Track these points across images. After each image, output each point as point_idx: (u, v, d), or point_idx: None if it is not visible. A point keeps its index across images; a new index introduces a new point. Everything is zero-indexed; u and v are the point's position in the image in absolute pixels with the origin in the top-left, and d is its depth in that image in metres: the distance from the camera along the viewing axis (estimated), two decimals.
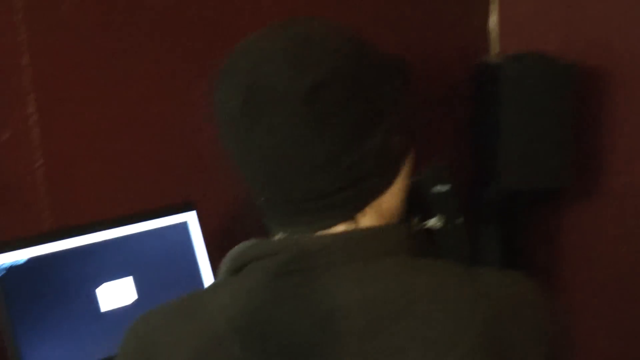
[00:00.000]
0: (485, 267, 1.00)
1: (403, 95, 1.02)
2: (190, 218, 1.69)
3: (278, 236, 1.02)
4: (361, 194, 0.98)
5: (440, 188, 1.99)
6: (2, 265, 1.46)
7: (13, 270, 1.47)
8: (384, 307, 0.93)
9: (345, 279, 0.94)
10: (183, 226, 1.68)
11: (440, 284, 0.95)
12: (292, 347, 0.92)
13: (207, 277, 1.69)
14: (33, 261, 1.50)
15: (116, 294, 1.57)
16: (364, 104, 0.96)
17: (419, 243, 1.03)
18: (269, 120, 0.94)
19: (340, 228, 0.98)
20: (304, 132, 0.94)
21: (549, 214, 2.59)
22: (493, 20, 2.52)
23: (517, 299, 0.96)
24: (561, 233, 2.61)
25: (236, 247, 1.05)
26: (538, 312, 0.97)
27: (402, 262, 0.97)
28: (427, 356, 0.90)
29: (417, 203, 1.89)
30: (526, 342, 0.94)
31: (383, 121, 0.98)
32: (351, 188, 0.97)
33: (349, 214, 0.99)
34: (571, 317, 1.00)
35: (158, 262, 1.64)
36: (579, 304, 2.54)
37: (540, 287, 0.99)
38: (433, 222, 1.91)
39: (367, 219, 1.00)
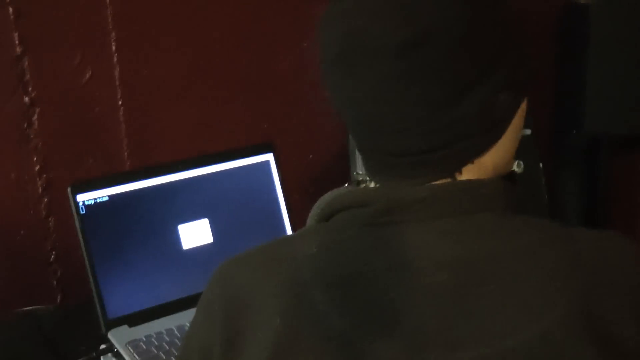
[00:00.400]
0: (582, 228, 0.95)
1: (516, 46, 0.95)
2: (270, 159, 1.68)
3: (369, 185, 0.99)
4: (460, 153, 0.93)
5: (522, 132, 1.96)
6: (84, 202, 1.49)
7: (95, 208, 1.50)
8: (476, 267, 0.88)
9: (437, 235, 0.90)
10: (265, 166, 1.68)
11: (537, 244, 0.90)
12: (377, 302, 0.88)
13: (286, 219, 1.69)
14: (114, 199, 1.52)
15: (195, 233, 1.59)
16: (468, 60, 0.90)
17: (517, 197, 0.95)
18: (361, 71, 0.91)
19: (436, 183, 0.94)
20: (396, 88, 0.89)
21: (632, 161, 2.53)
22: None
23: (617, 265, 0.91)
24: None
25: (326, 194, 1.03)
26: (637, 280, 0.91)
27: (497, 219, 0.92)
28: (520, 319, 0.86)
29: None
30: (624, 311, 0.89)
31: (490, 77, 0.91)
32: (448, 147, 0.92)
33: (446, 172, 0.94)
34: None
35: (239, 202, 1.64)
36: None
37: (639, 250, 0.94)
38: (514, 166, 1.88)
39: (466, 175, 0.94)
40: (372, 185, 0.99)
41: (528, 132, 1.96)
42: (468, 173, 0.94)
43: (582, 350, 0.86)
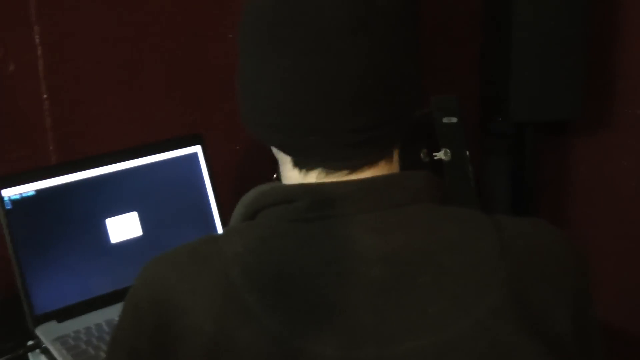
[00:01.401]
0: (506, 215, 0.97)
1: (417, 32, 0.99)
2: (198, 151, 1.68)
3: (291, 179, 0.98)
4: (394, 133, 0.95)
5: (449, 120, 1.99)
6: (9, 197, 1.47)
7: (21, 203, 1.48)
8: (407, 259, 0.89)
9: (367, 229, 0.90)
10: (193, 158, 1.68)
11: (466, 234, 0.92)
12: (309, 300, 0.87)
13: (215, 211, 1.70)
14: (40, 194, 1.50)
15: (124, 227, 1.58)
16: (403, 38, 0.93)
17: (442, 189, 0.97)
18: (299, 46, 0.90)
19: (361, 175, 0.94)
20: (348, 60, 0.89)
21: (558, 147, 2.58)
22: None
23: (544, 251, 0.93)
24: (571, 166, 2.60)
25: (250, 192, 0.99)
26: (568, 265, 0.94)
27: (426, 211, 0.93)
28: (453, 310, 0.87)
29: (425, 135, 1.89)
30: (553, 296, 0.91)
31: (412, 59, 0.95)
32: (389, 124, 0.93)
33: (377, 156, 0.95)
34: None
35: (168, 195, 1.64)
36: (588, 239, 2.54)
37: (565, 236, 0.96)
38: (441, 154, 1.91)
39: (393, 165, 0.97)
40: (294, 176, 0.98)
41: (454, 120, 2.00)
42: (383, 167, 0.96)
43: (514, 338, 0.87)
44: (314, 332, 0.86)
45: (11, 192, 1.48)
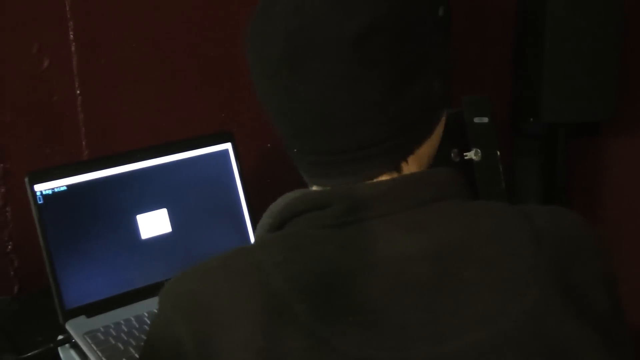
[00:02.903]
0: (531, 205, 0.98)
1: (442, 37, 0.99)
2: (229, 148, 1.68)
3: (317, 187, 0.98)
4: (406, 143, 0.95)
5: (480, 120, 1.98)
6: (42, 192, 1.48)
7: (53, 198, 1.49)
8: (450, 254, 0.89)
9: (404, 228, 0.90)
10: (223, 155, 1.68)
11: (501, 226, 0.92)
12: (357, 304, 0.86)
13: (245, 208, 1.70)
14: (72, 189, 1.51)
15: (154, 223, 1.59)
16: (411, 47, 0.92)
17: (466, 184, 0.98)
18: (312, 67, 0.90)
19: (384, 178, 0.95)
20: (351, 80, 0.90)
21: (590, 148, 2.56)
22: None
23: (571, 236, 0.94)
24: (603, 167, 2.58)
25: (278, 200, 0.98)
26: (593, 242, 0.95)
27: (457, 206, 0.94)
28: (501, 302, 0.87)
29: (455, 134, 1.88)
30: (588, 277, 0.92)
31: (427, 65, 0.94)
32: (398, 136, 0.93)
33: (395, 163, 0.95)
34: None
35: (197, 192, 1.64)
36: (620, 240, 2.52)
37: (585, 220, 0.97)
38: (471, 154, 1.90)
39: (411, 167, 0.96)
40: (315, 188, 0.98)
41: (486, 120, 1.99)
42: (411, 164, 0.97)
43: (563, 324, 0.88)
44: (365, 337, 0.86)
45: (43, 187, 1.49)
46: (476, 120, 1.97)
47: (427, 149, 0.98)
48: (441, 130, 1.01)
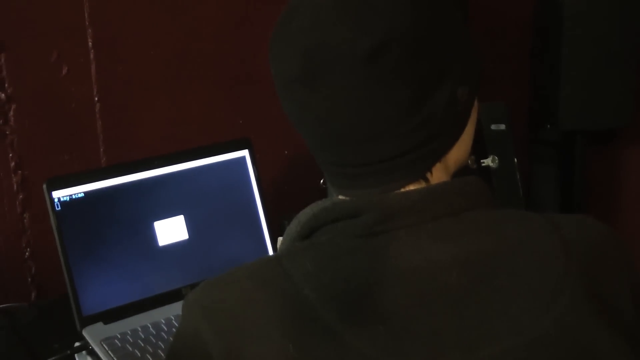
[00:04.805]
0: (556, 213, 0.98)
1: (466, 42, 0.98)
2: (246, 155, 1.68)
3: (343, 197, 0.98)
4: (429, 153, 0.95)
5: (497, 127, 1.97)
6: (59, 199, 1.49)
7: (70, 204, 1.50)
8: (481, 263, 0.89)
9: (434, 237, 0.90)
10: (241, 162, 1.68)
11: (530, 235, 0.92)
12: (389, 313, 0.86)
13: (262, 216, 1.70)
14: (90, 196, 1.52)
15: (172, 229, 1.59)
16: (429, 59, 0.92)
17: (491, 193, 0.98)
18: (328, 84, 0.90)
19: (410, 187, 0.95)
20: (367, 95, 0.90)
21: (607, 156, 2.55)
22: None
23: (599, 245, 0.94)
24: (620, 175, 2.57)
25: (306, 209, 0.98)
26: (620, 252, 0.95)
27: (486, 215, 0.94)
28: (532, 310, 0.87)
29: (473, 142, 1.88)
30: (616, 287, 0.93)
31: (447, 74, 0.94)
32: (419, 149, 0.93)
33: (421, 174, 0.95)
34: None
35: (215, 199, 1.64)
36: (636, 247, 2.51)
37: (611, 229, 0.98)
38: (488, 161, 1.90)
39: (436, 175, 0.96)
40: (341, 197, 0.98)
41: (503, 127, 1.98)
42: (437, 172, 0.96)
43: (594, 332, 0.88)
44: (396, 344, 0.86)
45: (61, 194, 1.49)
46: (493, 127, 1.96)
47: (455, 154, 0.98)
48: (471, 135, 1.01)
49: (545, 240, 0.92)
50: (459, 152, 0.99)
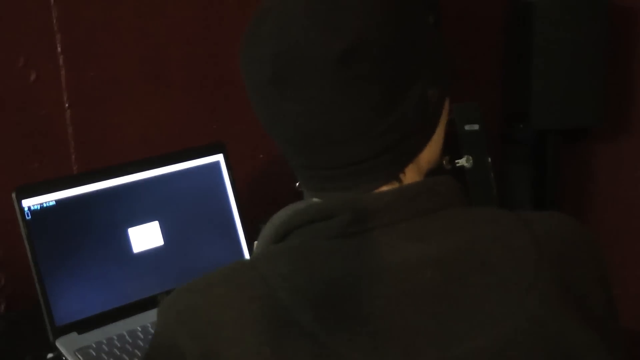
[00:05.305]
0: (529, 211, 0.99)
1: (436, 43, 0.98)
2: (220, 160, 1.67)
3: (317, 199, 0.97)
4: (402, 154, 0.96)
5: (470, 127, 1.98)
6: (30, 208, 1.46)
7: (41, 213, 1.47)
8: (455, 261, 0.90)
9: (409, 236, 0.91)
10: (215, 167, 1.67)
11: (503, 233, 0.93)
12: (365, 313, 0.87)
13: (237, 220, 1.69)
14: (61, 204, 1.49)
15: (146, 236, 1.57)
16: (399, 62, 0.92)
17: (465, 192, 0.99)
18: (300, 88, 0.91)
19: (383, 189, 0.95)
20: (338, 98, 0.90)
21: (579, 154, 2.56)
22: None
23: (569, 240, 0.95)
24: (592, 173, 2.59)
25: (280, 212, 0.98)
26: (590, 247, 0.97)
27: (459, 214, 0.95)
28: (507, 306, 0.88)
29: (447, 142, 1.88)
30: (587, 280, 0.94)
31: (418, 76, 0.94)
32: (391, 150, 0.94)
33: (393, 175, 0.96)
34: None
35: (189, 204, 1.63)
36: (609, 244, 2.52)
37: (580, 224, 0.99)
38: (462, 161, 1.90)
39: (409, 176, 0.97)
40: (315, 200, 0.98)
41: (476, 127, 1.99)
42: (410, 173, 0.97)
43: (567, 326, 0.89)
44: (372, 344, 0.86)
45: (31, 202, 1.47)
46: (467, 127, 1.97)
47: (427, 155, 0.99)
48: (442, 135, 1.01)
49: (516, 237, 0.93)
50: (430, 152, 1.00)
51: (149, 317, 1.51)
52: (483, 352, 0.87)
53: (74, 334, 1.47)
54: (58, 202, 1.49)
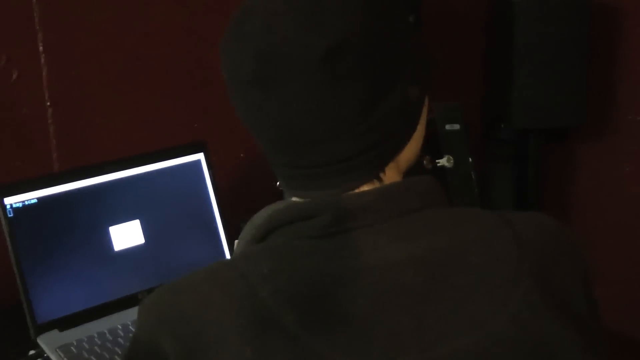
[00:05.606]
0: (509, 210, 0.99)
1: (417, 42, 0.99)
2: (201, 158, 1.68)
3: (297, 199, 0.98)
4: (383, 153, 0.96)
5: (451, 127, 1.98)
6: (12, 205, 1.47)
7: (23, 211, 1.48)
8: (437, 261, 0.90)
9: (390, 237, 0.91)
10: (196, 165, 1.67)
11: (484, 233, 0.94)
12: (346, 313, 0.86)
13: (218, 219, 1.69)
14: (43, 202, 1.50)
15: (126, 234, 1.58)
16: (381, 61, 0.93)
17: (444, 192, 0.99)
18: (282, 86, 0.90)
19: (364, 188, 0.95)
20: (320, 97, 0.90)
21: (561, 154, 2.58)
22: None
23: (549, 239, 0.96)
24: (573, 172, 2.60)
25: (260, 212, 0.98)
26: (571, 247, 0.97)
27: (441, 214, 0.95)
28: (488, 306, 0.89)
29: (428, 142, 1.89)
30: (568, 279, 0.94)
31: (400, 74, 0.95)
32: (373, 149, 0.94)
33: (374, 174, 0.96)
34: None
35: (170, 203, 1.63)
36: (591, 243, 2.54)
37: (561, 224, 0.99)
38: (444, 161, 1.91)
39: (389, 175, 0.97)
40: (295, 199, 0.98)
41: (457, 127, 1.99)
42: (390, 172, 0.97)
43: (549, 326, 0.90)
44: (354, 345, 0.86)
45: (13, 200, 1.47)
46: (447, 127, 1.97)
47: (406, 155, 0.99)
48: (422, 133, 1.02)
49: (498, 237, 0.93)
50: (410, 151, 1.00)
51: (130, 315, 1.52)
52: (466, 353, 0.87)
53: (55, 332, 1.48)
54: (40, 200, 1.50)
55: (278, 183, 1.52)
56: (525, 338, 0.89)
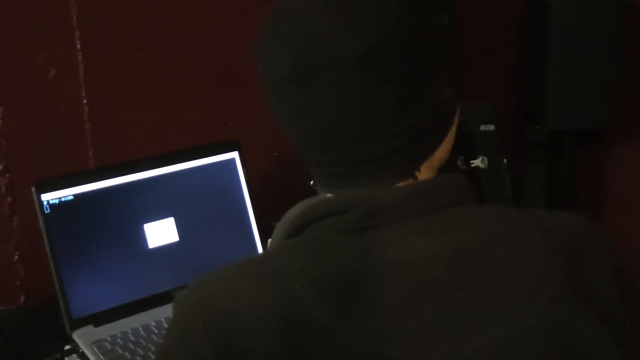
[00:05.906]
0: (538, 209, 1.00)
1: (452, 43, 0.99)
2: (235, 157, 1.68)
3: (332, 195, 0.98)
4: (417, 153, 0.97)
5: (485, 128, 1.98)
6: (48, 202, 1.48)
7: (59, 207, 1.49)
8: (466, 257, 0.91)
9: (421, 231, 0.92)
10: (230, 164, 1.68)
11: (512, 230, 0.94)
12: (378, 307, 0.88)
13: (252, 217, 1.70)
14: (79, 198, 1.51)
15: (162, 232, 1.59)
16: (417, 62, 0.93)
17: (474, 190, 1.00)
18: (319, 86, 0.91)
19: (399, 184, 0.96)
20: (357, 97, 0.91)
21: (595, 155, 2.56)
22: None
23: (578, 236, 0.96)
24: (608, 174, 2.58)
25: (294, 207, 0.99)
26: (603, 245, 0.97)
27: (470, 210, 0.96)
28: (516, 302, 0.89)
29: (461, 143, 1.88)
30: (598, 277, 0.94)
31: (434, 76, 0.95)
32: (407, 149, 0.95)
33: (408, 172, 0.97)
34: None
35: (204, 201, 1.64)
36: (626, 245, 2.52)
37: (590, 219, 0.99)
38: (478, 162, 1.90)
39: (423, 173, 0.98)
40: (330, 195, 0.99)
41: (491, 128, 1.99)
42: (424, 170, 0.98)
43: (577, 323, 0.90)
44: (385, 338, 0.87)
45: (50, 197, 1.49)
46: (482, 128, 1.97)
47: (440, 153, 1.00)
48: (453, 134, 1.02)
49: (527, 234, 0.94)
50: (443, 150, 1.01)
51: (163, 312, 1.53)
52: (494, 347, 0.88)
53: (90, 327, 1.49)
54: (76, 196, 1.51)
55: (312, 182, 1.52)
56: (553, 335, 0.89)
